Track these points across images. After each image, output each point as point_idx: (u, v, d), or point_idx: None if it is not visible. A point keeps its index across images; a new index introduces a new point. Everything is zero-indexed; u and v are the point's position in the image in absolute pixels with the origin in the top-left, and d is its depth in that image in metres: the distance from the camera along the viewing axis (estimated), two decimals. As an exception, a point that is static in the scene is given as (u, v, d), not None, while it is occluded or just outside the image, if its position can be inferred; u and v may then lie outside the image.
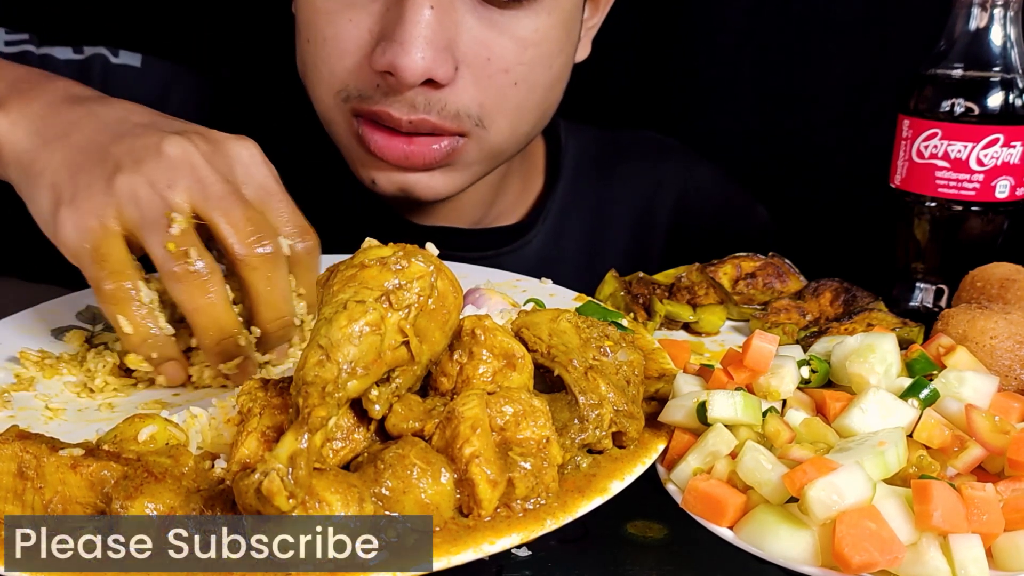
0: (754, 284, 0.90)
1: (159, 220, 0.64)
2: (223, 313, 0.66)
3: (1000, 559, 0.51)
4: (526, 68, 0.90)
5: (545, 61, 0.92)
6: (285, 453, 0.46)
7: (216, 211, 0.65)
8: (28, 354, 0.74)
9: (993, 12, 0.81)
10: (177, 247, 0.64)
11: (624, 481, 0.56)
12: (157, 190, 0.65)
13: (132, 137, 0.68)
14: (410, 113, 0.87)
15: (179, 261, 0.64)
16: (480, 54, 0.87)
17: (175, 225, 0.64)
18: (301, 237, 0.69)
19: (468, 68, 0.87)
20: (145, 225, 0.65)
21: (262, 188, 0.69)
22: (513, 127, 0.94)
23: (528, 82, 0.91)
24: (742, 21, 1.47)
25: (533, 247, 1.13)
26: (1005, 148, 0.82)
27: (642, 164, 1.24)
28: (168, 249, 0.64)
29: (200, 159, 0.66)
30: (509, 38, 0.88)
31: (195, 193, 0.65)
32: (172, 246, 0.64)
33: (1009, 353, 0.67)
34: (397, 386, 0.54)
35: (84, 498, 0.50)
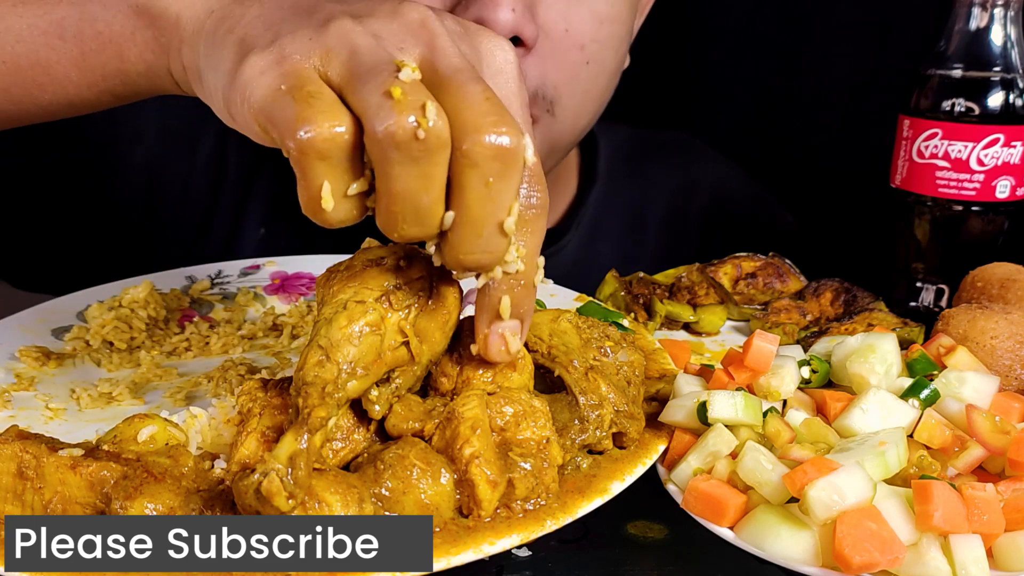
0: (754, 284, 0.90)
1: (379, 66, 0.46)
2: (435, 204, 0.47)
3: (1001, 559, 0.51)
4: (599, 46, 0.89)
5: (615, 43, 0.91)
6: (285, 453, 0.46)
7: (447, 83, 0.47)
8: (28, 352, 0.74)
9: (993, 12, 0.81)
10: (405, 95, 0.45)
11: (624, 481, 0.56)
12: (381, 44, 0.48)
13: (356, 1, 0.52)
14: None
15: (403, 115, 0.44)
16: (559, 24, 0.86)
17: (405, 70, 0.46)
18: (531, 185, 0.51)
19: (547, 38, 0.85)
20: (360, 72, 0.47)
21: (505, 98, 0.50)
22: (576, 115, 0.92)
23: (598, 63, 0.90)
24: (742, 21, 1.47)
25: (568, 252, 1.11)
26: (1005, 148, 0.82)
27: (676, 165, 1.22)
28: (392, 95, 0.45)
29: (443, 31, 0.49)
30: (587, 10, 0.87)
31: (428, 63, 0.48)
32: (398, 92, 0.44)
33: (1010, 353, 0.67)
34: (397, 386, 0.54)
35: (84, 498, 0.50)
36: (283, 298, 0.90)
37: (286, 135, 0.46)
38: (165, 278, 0.90)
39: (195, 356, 0.80)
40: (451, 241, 0.48)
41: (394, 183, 0.46)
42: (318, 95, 0.46)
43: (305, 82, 0.46)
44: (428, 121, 0.44)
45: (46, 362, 0.75)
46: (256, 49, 0.48)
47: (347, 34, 0.48)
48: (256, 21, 0.51)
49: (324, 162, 0.46)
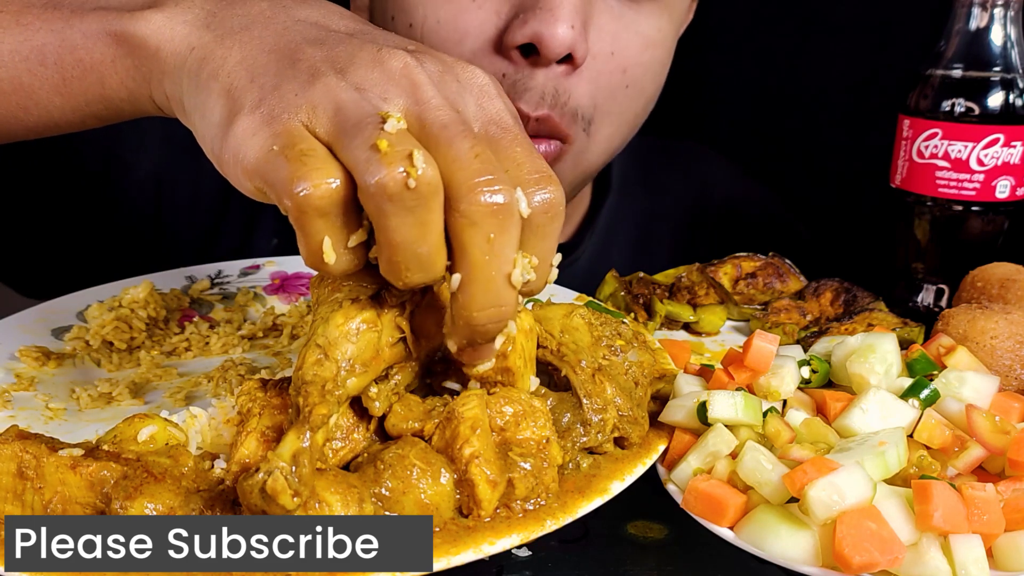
0: (754, 284, 0.90)
1: (365, 120, 0.47)
2: (436, 251, 0.47)
3: (1001, 559, 0.51)
4: (641, 70, 0.89)
5: (656, 67, 0.92)
6: (288, 452, 0.46)
7: (436, 140, 0.47)
8: (28, 352, 0.74)
9: (993, 12, 0.81)
10: (391, 147, 0.45)
11: (624, 481, 0.56)
12: (365, 97, 0.48)
13: (335, 43, 0.52)
14: (537, 108, 0.84)
15: (392, 167, 0.44)
16: (605, 46, 0.86)
17: (391, 121, 0.46)
18: (540, 187, 0.50)
19: (592, 59, 0.85)
20: (347, 128, 0.47)
21: (494, 123, 0.52)
22: (610, 137, 0.92)
23: (637, 87, 0.90)
24: (743, 20, 1.47)
25: (581, 264, 1.11)
26: (1005, 148, 0.82)
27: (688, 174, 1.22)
28: (379, 148, 0.45)
29: (425, 77, 0.50)
30: (634, 34, 0.87)
31: (413, 116, 0.48)
32: (384, 144, 0.45)
33: (1009, 353, 0.67)
34: (396, 383, 0.54)
35: (84, 498, 0.50)
36: (283, 298, 0.90)
37: (283, 194, 0.46)
38: (165, 278, 0.90)
39: (195, 356, 0.80)
40: (461, 301, 0.48)
41: (392, 234, 0.46)
42: (310, 152, 0.47)
43: (296, 140, 0.47)
44: (417, 169, 0.45)
45: (46, 362, 0.75)
46: (245, 109, 0.49)
47: (332, 89, 0.48)
48: (239, 69, 0.51)
49: (323, 218, 0.46)
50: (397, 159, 0.45)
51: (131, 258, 0.99)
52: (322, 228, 0.47)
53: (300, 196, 0.46)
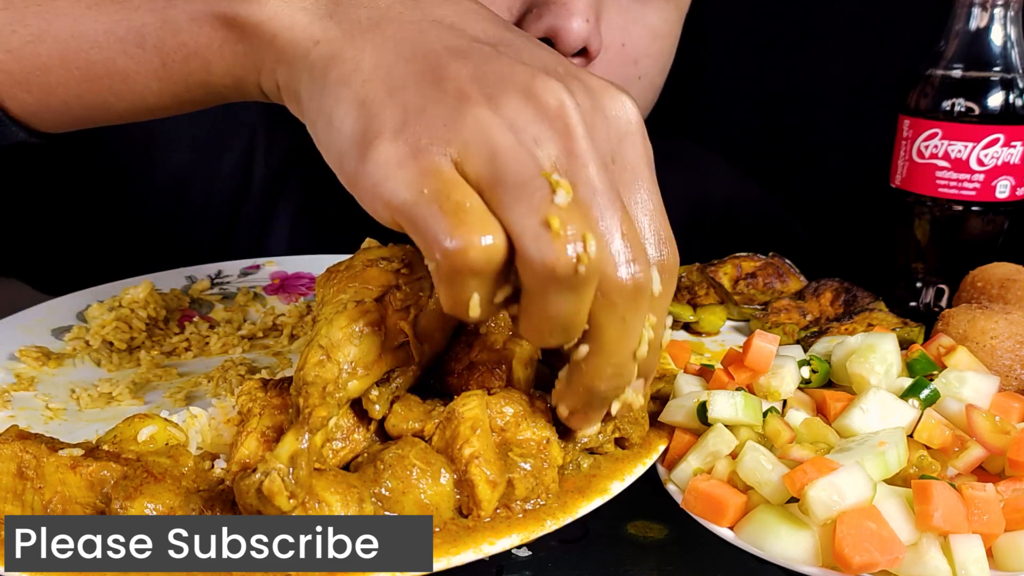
0: (754, 284, 0.90)
1: (530, 181, 0.44)
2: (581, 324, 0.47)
3: (1001, 559, 0.51)
4: (651, 61, 0.90)
5: (665, 58, 0.92)
6: (286, 453, 0.46)
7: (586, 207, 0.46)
8: (28, 352, 0.74)
9: (993, 12, 0.81)
10: (563, 226, 0.43)
11: (624, 481, 0.56)
12: (522, 142, 0.46)
13: (481, 58, 0.48)
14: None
15: (563, 250, 0.43)
16: (615, 39, 0.86)
17: (560, 191, 0.44)
18: (665, 247, 0.50)
19: (604, 52, 0.86)
20: (507, 184, 0.44)
21: (631, 170, 0.50)
22: None
23: (648, 78, 0.91)
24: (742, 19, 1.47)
25: None
26: (1005, 148, 0.82)
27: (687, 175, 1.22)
28: (550, 225, 0.43)
29: (579, 121, 0.47)
30: (643, 27, 0.88)
31: (561, 168, 0.46)
32: (556, 223, 0.43)
33: (1009, 353, 0.67)
34: (397, 386, 0.54)
35: (84, 498, 0.50)
36: (283, 298, 0.90)
37: (434, 248, 0.44)
38: (165, 278, 0.90)
39: (195, 356, 0.80)
40: (585, 371, 0.49)
41: (548, 307, 0.45)
42: (467, 207, 0.44)
43: (450, 188, 0.44)
44: (589, 255, 0.43)
45: (46, 362, 0.75)
46: (386, 133, 0.46)
47: (485, 127, 0.45)
48: (374, 78, 0.48)
49: (475, 278, 0.45)
50: (570, 241, 0.43)
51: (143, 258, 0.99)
52: (473, 287, 0.45)
53: (456, 256, 0.44)
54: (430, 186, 0.44)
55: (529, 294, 0.46)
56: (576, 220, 0.44)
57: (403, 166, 0.45)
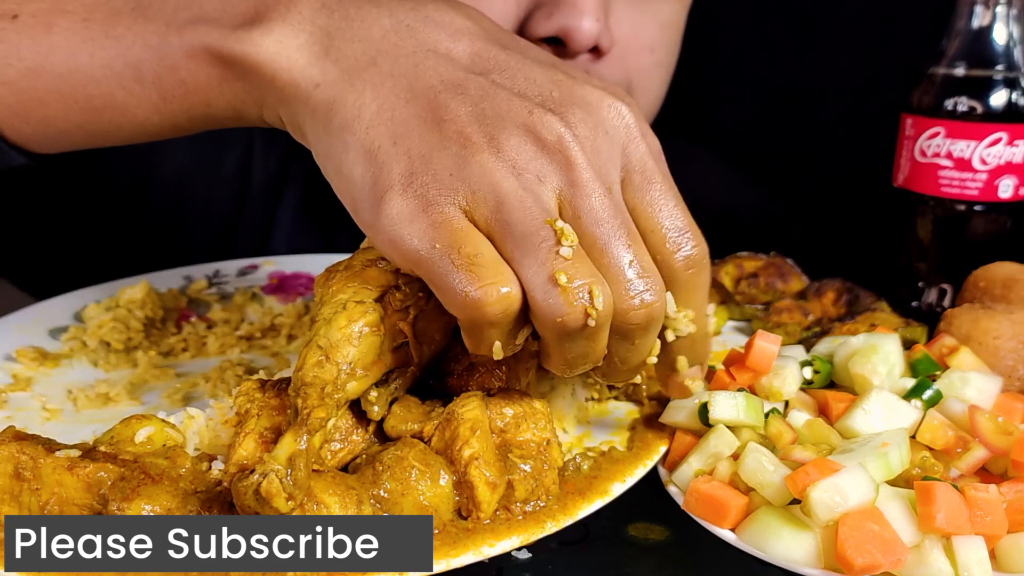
0: (756, 284, 0.90)
1: (534, 230, 0.47)
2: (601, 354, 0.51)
3: (1003, 561, 0.50)
4: (664, 51, 0.91)
5: (674, 48, 0.93)
6: (284, 454, 0.45)
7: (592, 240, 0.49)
8: (25, 353, 0.74)
9: (996, 10, 0.81)
10: (571, 280, 0.47)
11: (625, 483, 0.55)
12: (523, 181, 0.48)
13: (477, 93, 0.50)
14: None
15: (573, 307, 0.47)
16: (626, 32, 0.87)
17: (565, 245, 0.47)
18: (688, 244, 0.52)
19: (617, 45, 0.86)
20: (515, 235, 0.48)
21: (638, 171, 0.52)
22: (649, 114, 0.94)
23: (666, 66, 0.92)
24: (745, 18, 1.47)
25: None
26: (1008, 147, 0.81)
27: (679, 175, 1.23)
28: (557, 282, 0.47)
29: (579, 151, 0.49)
30: (651, 19, 0.89)
31: (568, 202, 0.49)
32: (563, 279, 0.47)
33: (1013, 353, 0.67)
34: (396, 387, 0.54)
35: (81, 499, 0.50)
36: (281, 298, 0.89)
37: (452, 302, 0.47)
38: (162, 278, 0.89)
39: (192, 356, 0.79)
40: (601, 371, 0.54)
41: (565, 352, 0.50)
42: (479, 260, 0.47)
43: (460, 241, 0.47)
44: (596, 309, 0.47)
45: (43, 363, 0.75)
46: (395, 186, 0.48)
47: (489, 173, 0.48)
48: (377, 124, 0.49)
49: (495, 328, 0.48)
50: (577, 297, 0.47)
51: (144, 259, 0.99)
52: (494, 335, 0.48)
53: (473, 310, 0.47)
54: (441, 240, 0.47)
55: (546, 341, 0.50)
56: (582, 273, 0.47)
57: (414, 220, 0.47)
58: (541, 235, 0.47)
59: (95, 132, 0.61)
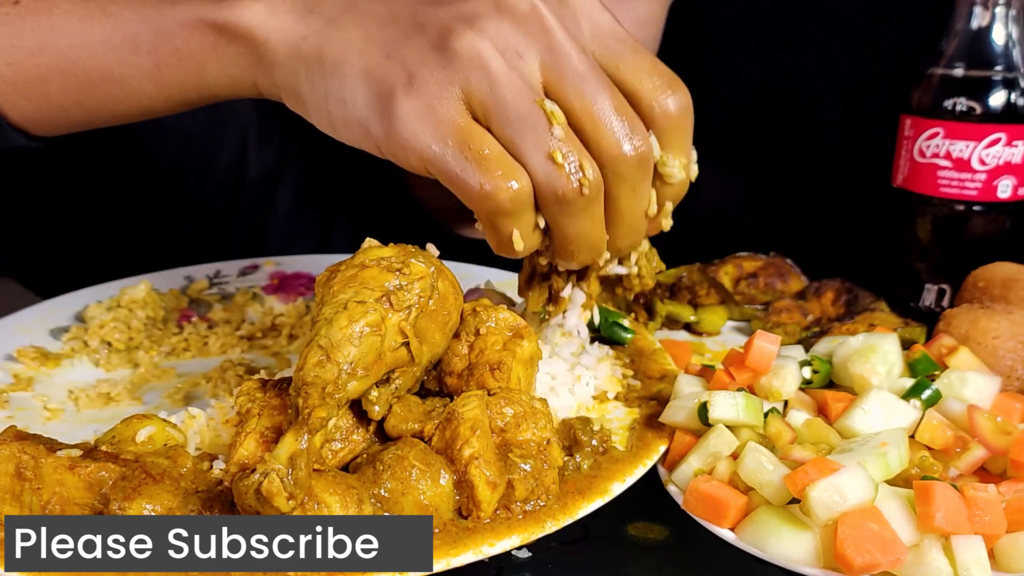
0: (755, 284, 0.90)
1: (528, 111, 0.52)
2: (601, 237, 0.57)
3: (1002, 560, 0.50)
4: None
5: (654, 44, 0.95)
6: (285, 454, 0.46)
7: (580, 98, 0.53)
8: (26, 353, 0.74)
9: (995, 11, 0.81)
10: (565, 157, 0.52)
11: (625, 482, 0.56)
12: (508, 58, 0.52)
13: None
14: None
15: (569, 179, 0.52)
16: None
17: (556, 126, 0.52)
18: (669, 91, 0.56)
19: None
20: (510, 119, 0.52)
21: (611, 36, 0.56)
22: None
23: None
24: (742, 18, 1.47)
25: None
26: (1007, 148, 0.81)
27: None
28: (554, 160, 0.52)
29: (551, 17, 0.53)
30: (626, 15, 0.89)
31: (551, 68, 0.53)
32: (558, 156, 0.52)
33: (1011, 353, 0.67)
34: (397, 387, 0.54)
35: (82, 499, 0.50)
36: (282, 298, 0.89)
37: (468, 198, 0.52)
38: (163, 278, 0.89)
39: (193, 356, 0.79)
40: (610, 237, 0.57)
41: (568, 229, 0.55)
42: (486, 154, 0.52)
43: (467, 137, 0.52)
44: (588, 179, 0.53)
45: (44, 362, 0.75)
46: (398, 90, 0.52)
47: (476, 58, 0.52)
48: (368, 48, 0.53)
49: (510, 217, 0.53)
50: (571, 170, 0.52)
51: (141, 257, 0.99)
52: (511, 224, 0.54)
53: (490, 202, 0.52)
54: (453, 136, 0.51)
55: (552, 225, 0.55)
56: (574, 149, 0.53)
57: (423, 119, 0.52)
58: (533, 118, 0.52)
59: (92, 107, 0.64)
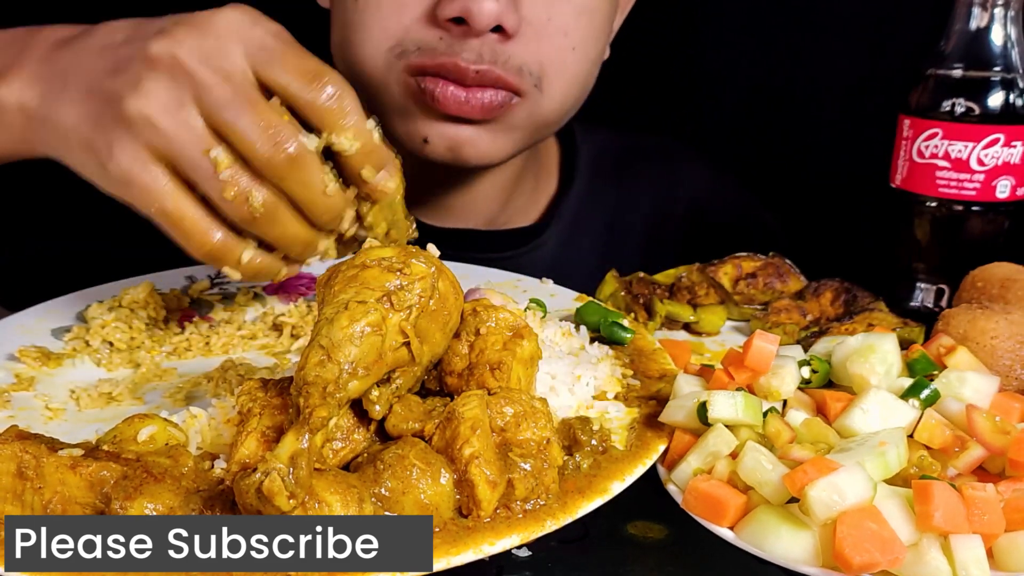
0: (755, 284, 0.90)
1: (199, 161, 0.62)
2: (302, 231, 0.66)
3: (1001, 559, 0.51)
4: (582, 35, 0.94)
5: (596, 32, 0.96)
6: (286, 453, 0.46)
7: (225, 125, 0.62)
8: (27, 352, 0.74)
9: (994, 12, 0.81)
10: (236, 194, 0.62)
11: (625, 482, 0.56)
12: (172, 112, 0.61)
13: (119, 59, 0.65)
14: (477, 62, 0.88)
15: (244, 205, 0.62)
16: (540, 14, 0.90)
17: (222, 169, 0.61)
18: (313, 83, 0.63)
19: (530, 26, 0.90)
20: (190, 168, 0.62)
21: (262, 50, 0.63)
22: (564, 95, 0.96)
23: (583, 49, 0.95)
24: (739, 19, 1.47)
25: (547, 249, 1.13)
26: (1006, 148, 0.81)
27: (658, 169, 1.24)
28: (227, 198, 0.62)
29: (190, 57, 0.62)
30: (567, 2, 0.92)
31: (204, 106, 0.62)
32: (230, 193, 0.62)
33: (1010, 353, 0.67)
34: (397, 387, 0.54)
35: (83, 498, 0.50)
36: (283, 298, 0.90)
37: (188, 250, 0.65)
38: (165, 278, 0.89)
39: (195, 356, 0.80)
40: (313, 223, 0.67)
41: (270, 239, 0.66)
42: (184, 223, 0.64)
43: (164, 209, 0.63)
44: (255, 204, 0.63)
45: (46, 362, 0.75)
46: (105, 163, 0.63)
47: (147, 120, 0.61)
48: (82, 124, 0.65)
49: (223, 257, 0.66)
50: (241, 203, 0.63)
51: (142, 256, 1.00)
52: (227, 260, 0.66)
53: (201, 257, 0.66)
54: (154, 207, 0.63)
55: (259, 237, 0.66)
56: (239, 182, 0.62)
57: (131, 188, 0.63)
58: (204, 167, 0.62)
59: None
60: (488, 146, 0.95)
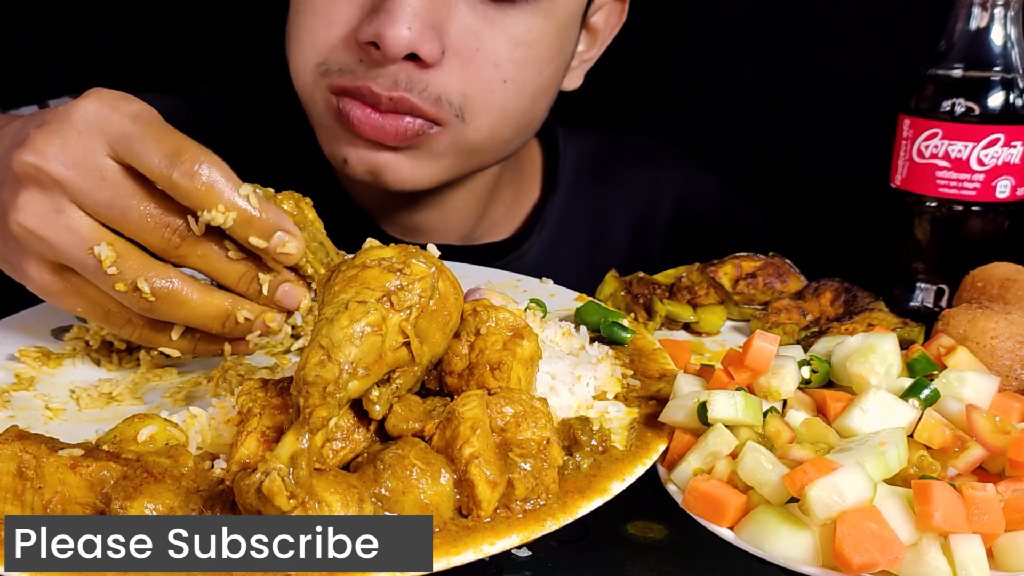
0: (754, 284, 0.90)
1: (86, 260, 0.63)
2: (211, 307, 0.66)
3: (1001, 559, 0.51)
4: (516, 67, 0.90)
5: (536, 65, 0.92)
6: (286, 453, 0.46)
7: (113, 222, 0.63)
8: (28, 352, 0.74)
9: (994, 12, 0.81)
10: (127, 286, 0.63)
11: (624, 481, 0.56)
12: (51, 220, 0.63)
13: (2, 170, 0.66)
14: (391, 89, 0.86)
15: (135, 294, 0.64)
16: (470, 44, 0.87)
17: (107, 265, 0.63)
18: (173, 165, 0.61)
19: (456, 56, 0.87)
20: (80, 268, 0.64)
21: (122, 140, 0.62)
22: (493, 127, 0.93)
23: (517, 83, 0.91)
24: (742, 20, 1.47)
25: (530, 258, 1.12)
26: (1006, 148, 0.82)
27: (641, 170, 1.23)
28: (120, 289, 0.63)
29: (56, 166, 0.62)
30: (501, 33, 0.88)
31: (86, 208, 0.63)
32: (122, 287, 0.63)
33: (1010, 353, 0.67)
34: (397, 387, 0.54)
35: (83, 498, 0.50)
36: (283, 298, 0.89)
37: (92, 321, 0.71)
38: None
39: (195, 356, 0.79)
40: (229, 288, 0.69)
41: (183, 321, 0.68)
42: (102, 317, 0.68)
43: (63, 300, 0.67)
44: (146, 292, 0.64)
45: (46, 362, 0.75)
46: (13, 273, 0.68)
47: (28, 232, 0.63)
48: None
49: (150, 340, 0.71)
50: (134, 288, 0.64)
51: None
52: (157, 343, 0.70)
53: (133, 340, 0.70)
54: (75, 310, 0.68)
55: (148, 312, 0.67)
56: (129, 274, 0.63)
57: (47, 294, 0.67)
58: (91, 265, 0.63)
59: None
60: (410, 172, 0.93)
